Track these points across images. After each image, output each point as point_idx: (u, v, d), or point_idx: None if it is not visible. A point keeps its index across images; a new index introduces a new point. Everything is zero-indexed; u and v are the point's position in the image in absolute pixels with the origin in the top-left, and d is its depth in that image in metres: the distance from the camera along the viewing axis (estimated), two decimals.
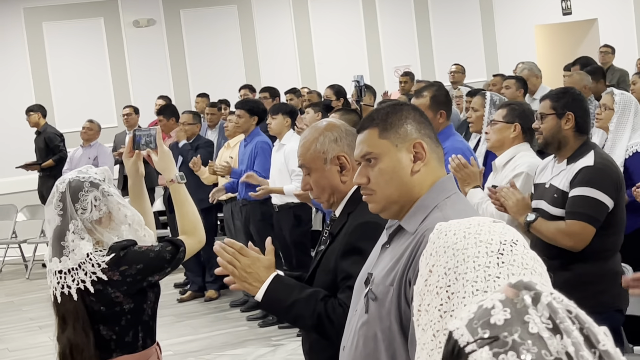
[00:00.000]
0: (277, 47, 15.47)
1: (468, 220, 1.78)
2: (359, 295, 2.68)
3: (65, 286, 3.42)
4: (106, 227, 3.48)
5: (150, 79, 14.74)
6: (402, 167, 2.61)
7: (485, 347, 1.36)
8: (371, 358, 2.56)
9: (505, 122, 5.12)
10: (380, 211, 2.65)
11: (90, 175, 3.50)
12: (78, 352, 3.39)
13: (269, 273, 3.09)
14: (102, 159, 11.76)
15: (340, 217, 3.15)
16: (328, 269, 3.07)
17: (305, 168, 3.23)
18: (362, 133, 2.68)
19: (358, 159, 2.69)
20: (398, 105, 2.70)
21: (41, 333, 9.32)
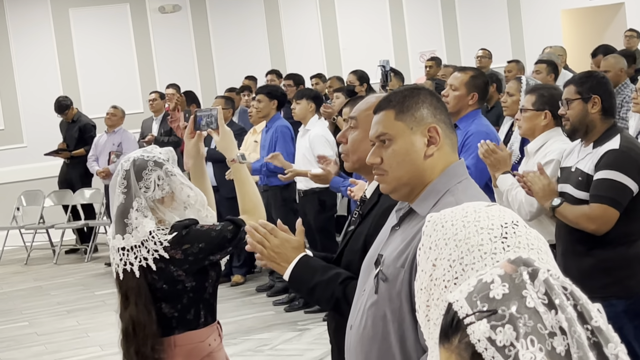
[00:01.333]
0: (302, 32, 15.46)
1: (462, 208, 1.78)
2: (367, 275, 2.70)
3: (128, 263, 3.47)
4: (168, 207, 3.54)
5: (176, 65, 14.78)
6: (416, 150, 2.63)
7: (484, 319, 1.39)
8: (379, 338, 2.58)
9: (534, 109, 5.07)
10: (390, 192, 2.68)
11: (154, 154, 3.55)
12: (140, 328, 3.44)
13: (297, 254, 3.13)
14: (126, 145, 11.79)
15: (371, 198, 3.16)
16: (356, 249, 3.09)
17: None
18: (379, 114, 2.70)
19: (373, 139, 2.71)
20: (415, 89, 2.72)
21: (69, 317, 9.41)
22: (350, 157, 3.23)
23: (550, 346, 1.38)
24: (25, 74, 14.30)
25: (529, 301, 1.40)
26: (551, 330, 1.39)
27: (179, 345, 3.53)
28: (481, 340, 1.40)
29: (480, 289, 1.43)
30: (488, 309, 1.41)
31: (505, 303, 1.40)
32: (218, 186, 9.81)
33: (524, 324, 1.38)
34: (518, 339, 1.38)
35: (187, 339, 3.54)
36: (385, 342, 2.56)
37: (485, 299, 1.42)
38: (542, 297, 1.40)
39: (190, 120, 3.76)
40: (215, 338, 3.62)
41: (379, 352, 2.58)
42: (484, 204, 1.81)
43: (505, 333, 1.39)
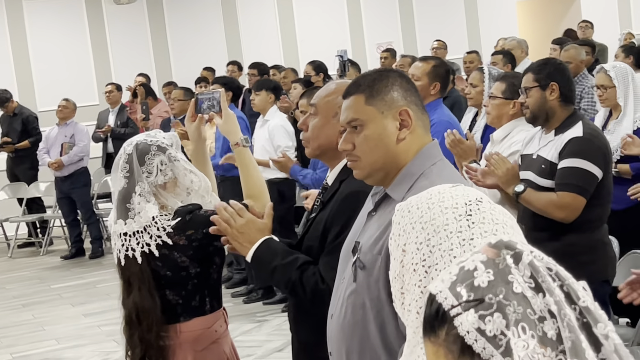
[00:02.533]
0: (259, 24, 15.37)
1: (427, 192, 1.75)
2: (345, 263, 2.66)
3: (130, 249, 3.42)
4: (171, 192, 3.49)
5: (131, 57, 14.62)
6: (388, 135, 2.58)
7: (471, 310, 1.34)
8: (359, 326, 2.53)
9: (504, 98, 5.06)
10: (364, 178, 2.63)
11: (158, 139, 3.50)
12: (145, 315, 3.38)
13: (261, 236, 3.10)
14: (78, 137, 11.68)
15: (332, 185, 3.12)
16: (316, 236, 3.06)
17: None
18: (348, 99, 2.64)
19: (344, 125, 2.65)
20: (385, 72, 2.67)
21: (25, 311, 9.28)
22: (311, 144, 3.18)
23: (541, 331, 1.34)
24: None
25: (516, 286, 1.35)
26: (540, 314, 1.34)
27: (184, 332, 3.47)
28: (470, 332, 1.34)
29: (464, 277, 1.38)
30: (474, 298, 1.35)
31: (492, 290, 1.35)
32: None
33: (513, 311, 1.33)
34: (509, 327, 1.33)
35: (192, 326, 3.48)
36: (366, 330, 2.52)
37: (470, 288, 1.36)
38: (529, 281, 1.35)
39: (191, 103, 3.69)
40: (222, 324, 3.57)
41: (360, 340, 2.53)
42: (449, 185, 1.78)
43: (494, 322, 1.33)
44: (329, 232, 2.99)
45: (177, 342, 3.46)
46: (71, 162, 11.56)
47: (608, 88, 5.80)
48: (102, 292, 9.73)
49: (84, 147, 11.67)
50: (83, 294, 9.75)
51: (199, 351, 3.48)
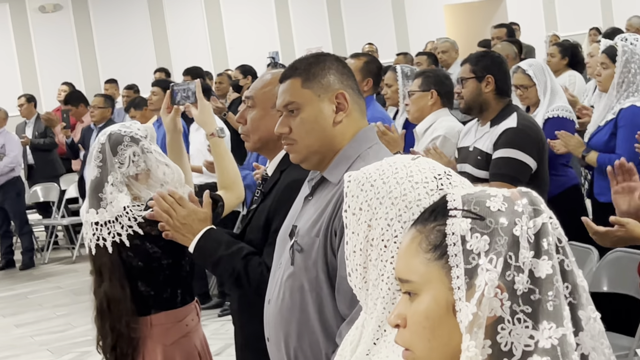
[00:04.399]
0: (188, 30, 15.31)
1: (390, 165, 1.76)
2: (282, 248, 2.66)
3: (101, 238, 3.42)
4: (144, 184, 3.50)
5: (58, 65, 14.46)
6: (324, 118, 2.58)
7: (468, 219, 1.40)
8: (298, 309, 2.53)
9: (421, 90, 5.13)
10: (301, 161, 2.63)
11: (132, 130, 3.51)
12: (115, 304, 3.39)
13: (202, 226, 3.09)
14: (9, 146, 11.46)
15: (272, 175, 3.11)
16: (258, 227, 3.05)
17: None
18: (285, 83, 2.65)
19: (280, 108, 2.66)
20: (321, 56, 2.68)
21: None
22: (251, 137, 3.17)
23: (510, 277, 1.37)
24: None
25: (517, 229, 1.39)
26: (520, 266, 1.38)
27: (155, 325, 3.48)
28: (455, 234, 1.40)
29: (480, 195, 1.43)
30: (477, 213, 1.40)
31: (495, 218, 1.39)
32: None
33: (499, 245, 1.38)
34: (487, 254, 1.38)
35: (163, 319, 3.50)
36: (304, 313, 2.51)
37: (480, 205, 1.41)
38: (530, 235, 1.39)
39: (166, 94, 3.67)
40: (193, 318, 3.58)
41: (298, 323, 2.53)
42: (409, 157, 1.78)
43: (479, 241, 1.38)
44: (272, 222, 2.99)
45: (148, 334, 3.47)
46: (2, 173, 11.33)
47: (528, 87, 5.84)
48: (34, 303, 9.59)
49: (15, 157, 11.44)
50: (14, 305, 9.59)
51: (168, 345, 3.49)
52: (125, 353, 3.44)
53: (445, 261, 1.40)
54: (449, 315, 1.40)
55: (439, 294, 1.41)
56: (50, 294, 9.94)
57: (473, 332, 1.36)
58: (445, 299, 1.40)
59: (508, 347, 1.36)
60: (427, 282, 1.42)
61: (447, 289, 1.40)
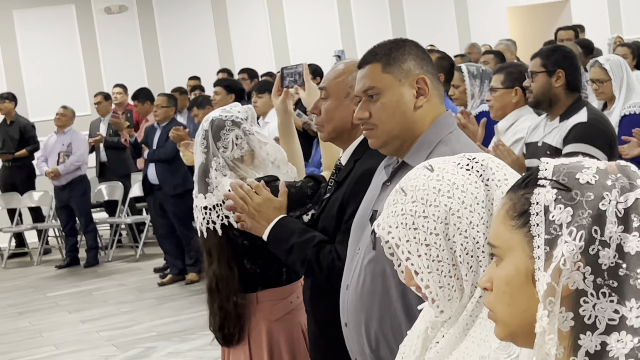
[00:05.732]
0: (250, 30, 15.39)
1: (427, 185, 1.84)
2: (359, 234, 2.66)
3: (210, 222, 3.58)
4: (249, 165, 3.62)
5: (123, 66, 14.61)
6: (405, 102, 2.59)
7: (554, 190, 1.40)
8: (379, 294, 2.54)
9: (505, 87, 5.09)
10: (380, 146, 2.64)
11: (232, 114, 3.63)
12: (223, 284, 3.56)
13: (277, 214, 3.14)
14: (76, 145, 11.63)
15: (346, 165, 3.12)
16: (331, 215, 3.06)
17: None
18: (364, 68, 2.66)
19: (359, 94, 2.66)
20: (401, 41, 2.69)
21: (21, 318, 9.25)
22: (325, 127, 3.18)
23: (595, 251, 1.37)
24: None
25: (604, 203, 1.38)
26: (606, 240, 1.37)
27: (261, 302, 3.62)
28: (539, 204, 1.41)
29: (573, 166, 1.42)
30: (564, 184, 1.40)
31: (582, 190, 1.39)
32: (161, 184, 9.77)
33: (583, 218, 1.37)
34: (568, 226, 1.37)
35: (269, 296, 3.63)
36: (386, 297, 2.52)
37: (569, 176, 1.40)
38: (620, 210, 1.38)
39: (277, 78, 3.77)
40: (298, 295, 3.67)
41: (380, 307, 2.53)
42: (425, 171, 1.87)
43: (562, 213, 1.38)
44: (345, 210, 3.00)
45: (254, 311, 3.61)
46: (68, 172, 11.50)
47: (604, 82, 5.82)
48: (98, 299, 9.71)
49: (81, 155, 11.61)
50: (79, 302, 9.73)
51: (273, 321, 3.62)
52: (232, 332, 3.59)
53: (528, 230, 1.41)
54: (529, 284, 1.41)
55: (520, 261, 1.42)
56: (114, 291, 10.07)
57: (547, 303, 1.37)
58: (526, 267, 1.42)
59: (592, 320, 1.36)
60: (509, 249, 1.44)
61: (528, 257, 1.41)
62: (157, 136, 9.87)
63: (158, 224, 10.11)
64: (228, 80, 9.55)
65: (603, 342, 1.35)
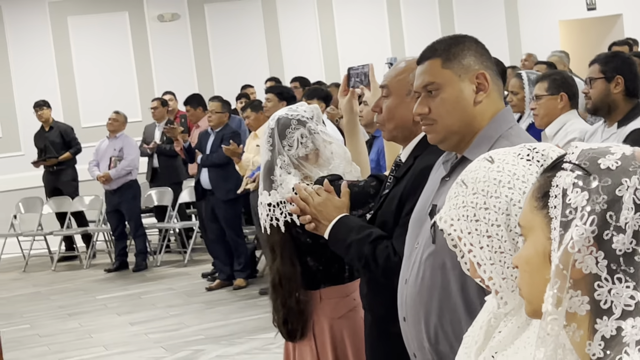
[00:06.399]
0: (300, 41, 15.45)
1: (487, 178, 1.85)
2: (417, 229, 2.67)
3: (274, 218, 3.64)
4: (313, 164, 3.68)
5: (174, 73, 14.73)
6: (465, 98, 2.60)
7: (574, 173, 1.41)
8: (439, 287, 2.54)
9: (550, 94, 5.08)
10: (440, 142, 2.64)
11: (298, 113, 3.71)
12: (286, 281, 3.61)
13: (338, 213, 3.17)
14: (127, 150, 11.73)
15: (406, 161, 3.13)
16: (390, 211, 3.08)
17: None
18: (424, 64, 2.67)
19: (419, 89, 2.67)
20: (460, 37, 2.70)
21: (71, 320, 9.34)
22: (386, 125, 3.20)
23: (609, 237, 1.38)
24: (23, 82, 14.23)
25: (620, 189, 1.38)
26: (620, 226, 1.37)
27: (324, 299, 3.67)
28: (558, 187, 1.43)
29: (599, 152, 1.43)
30: (585, 169, 1.41)
31: (601, 175, 1.40)
32: (213, 189, 9.84)
33: (597, 203, 1.38)
34: (583, 209, 1.39)
35: (332, 293, 3.68)
36: (446, 291, 2.52)
37: (592, 161, 1.42)
38: (638, 197, 1.38)
39: (343, 77, 3.79)
40: None
41: (440, 301, 2.54)
42: (486, 163, 1.88)
43: (578, 196, 1.39)
44: (404, 206, 3.01)
45: (318, 308, 3.66)
46: (119, 176, 11.60)
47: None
48: (147, 303, 9.79)
49: (132, 160, 11.71)
50: (128, 304, 9.81)
51: (336, 318, 3.67)
52: (295, 328, 3.66)
53: (547, 211, 1.44)
54: (546, 264, 1.44)
55: (539, 241, 1.45)
56: (162, 294, 10.14)
57: (554, 284, 1.38)
58: (544, 247, 1.44)
59: (607, 305, 1.37)
60: (531, 229, 1.47)
61: (546, 238, 1.44)
62: (210, 141, 9.94)
63: (209, 228, 10.17)
64: (280, 87, 9.60)
65: (619, 327, 1.35)
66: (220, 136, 9.81)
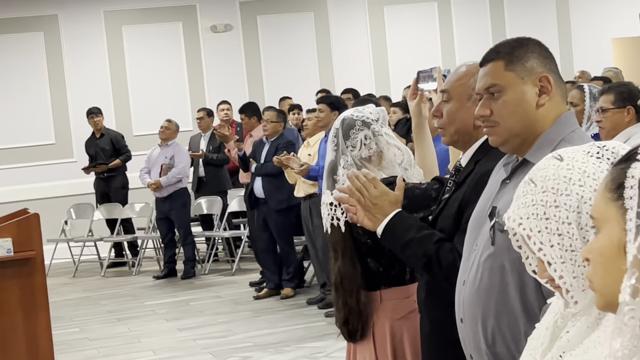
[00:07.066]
0: (352, 54, 15.47)
1: (558, 174, 1.82)
2: (476, 231, 2.67)
3: (335, 218, 3.67)
4: (377, 165, 3.71)
5: (225, 84, 14.83)
6: (527, 100, 2.60)
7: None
8: (497, 289, 2.54)
9: (616, 107, 5.03)
10: (501, 144, 2.64)
11: (364, 114, 3.73)
12: (347, 281, 3.65)
13: (394, 208, 3.14)
14: (178, 158, 11.83)
15: (467, 166, 3.13)
16: (450, 215, 3.07)
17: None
18: (487, 66, 2.67)
19: (481, 91, 2.68)
20: (524, 39, 2.70)
21: (120, 324, 9.43)
22: (447, 130, 3.19)
23: None
24: (77, 89, 14.40)
25: None
26: None
27: (385, 300, 3.69)
28: (634, 178, 1.43)
29: None
30: None
31: None
32: (266, 198, 9.88)
33: None
34: None
35: (392, 294, 3.70)
36: (504, 293, 2.52)
37: None
38: None
39: (413, 80, 3.77)
40: None
41: (497, 303, 2.53)
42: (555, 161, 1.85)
43: None
44: (464, 210, 2.99)
45: (378, 309, 3.68)
46: (169, 184, 11.70)
47: None
48: (195, 309, 9.85)
49: (183, 168, 11.80)
50: (177, 311, 9.88)
51: (396, 319, 3.68)
52: (355, 328, 3.67)
53: (622, 202, 1.44)
54: (621, 256, 1.43)
55: (613, 233, 1.45)
56: (210, 302, 10.20)
57: (631, 275, 1.37)
58: (619, 238, 1.44)
59: None
60: (605, 221, 1.47)
61: (621, 229, 1.43)
62: (265, 150, 9.97)
63: (259, 238, 10.21)
64: (331, 97, 9.61)
65: None
66: (275, 146, 9.84)
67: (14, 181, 14.00)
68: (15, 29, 14.20)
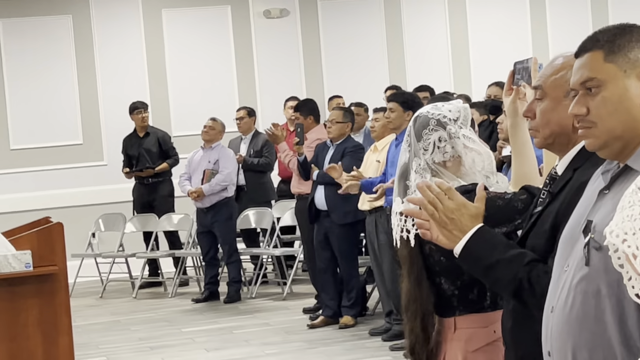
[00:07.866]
0: (427, 44, 15.43)
1: None
2: (568, 249, 2.63)
3: (405, 230, 3.65)
4: (454, 172, 3.68)
5: (280, 76, 14.86)
6: (630, 97, 2.56)
7: None
8: (591, 317, 2.49)
9: None
10: (599, 148, 2.60)
11: (441, 112, 3.71)
12: (412, 303, 3.63)
13: (474, 223, 3.08)
14: (223, 162, 11.74)
15: (563, 174, 3.09)
16: (544, 231, 3.02)
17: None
18: (583, 56, 2.63)
19: (576, 86, 2.64)
20: (628, 26, 2.64)
21: (153, 354, 9.49)
22: (541, 132, 3.16)
23: None
24: (109, 81, 14.52)
25: None
26: None
27: (459, 328, 3.66)
28: None
29: None
30: None
31: None
32: (329, 211, 9.82)
33: None
34: None
35: (469, 322, 3.66)
36: (599, 322, 2.48)
37: None
38: None
39: (509, 74, 3.74)
40: None
41: (591, 334, 2.49)
42: None
43: None
44: (560, 226, 2.94)
45: (450, 338, 3.65)
46: (213, 192, 11.65)
47: None
48: (239, 339, 9.89)
49: (229, 174, 11.74)
50: (218, 339, 9.92)
51: (471, 351, 3.64)
52: (420, 358, 3.65)
53: None
54: None
55: None
56: (258, 330, 10.23)
57: None
58: None
59: None
60: None
61: None
62: (329, 155, 9.91)
63: (319, 256, 10.14)
64: (404, 95, 9.50)
65: None
66: (341, 150, 9.78)
67: (34, 186, 14.15)
68: (39, 11, 14.35)
